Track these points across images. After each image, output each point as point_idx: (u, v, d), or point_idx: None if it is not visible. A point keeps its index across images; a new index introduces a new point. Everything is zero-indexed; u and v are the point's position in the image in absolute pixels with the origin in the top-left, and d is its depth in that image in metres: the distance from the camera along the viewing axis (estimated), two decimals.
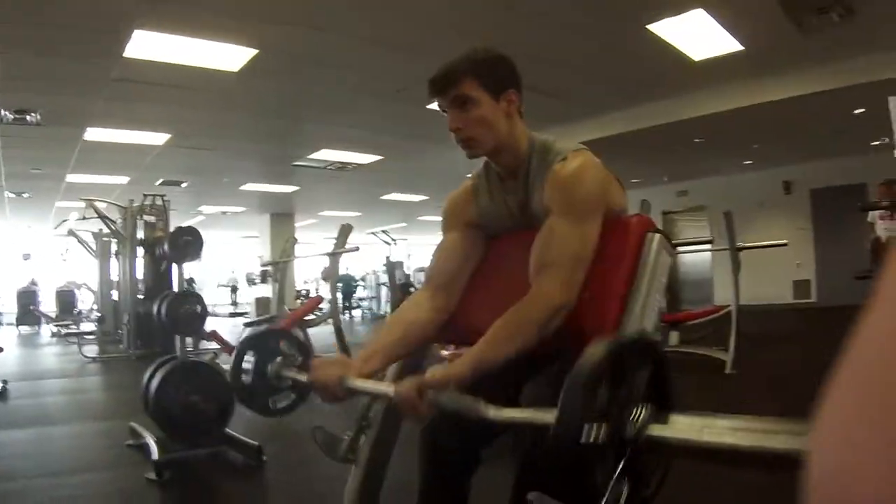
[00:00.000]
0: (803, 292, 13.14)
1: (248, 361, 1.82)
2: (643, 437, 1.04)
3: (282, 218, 16.92)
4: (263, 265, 15.17)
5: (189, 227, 4.02)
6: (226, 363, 5.73)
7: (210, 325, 4.72)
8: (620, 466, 1.06)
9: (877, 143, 10.82)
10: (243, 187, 13.11)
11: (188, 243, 3.90)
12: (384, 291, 18.16)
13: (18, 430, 4.68)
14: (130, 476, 3.50)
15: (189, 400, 3.60)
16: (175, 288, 4.11)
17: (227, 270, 24.35)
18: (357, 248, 7.17)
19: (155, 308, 4.00)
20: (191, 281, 9.05)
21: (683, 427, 1.05)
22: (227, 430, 3.81)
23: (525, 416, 1.24)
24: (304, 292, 18.90)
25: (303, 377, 1.73)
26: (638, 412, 1.07)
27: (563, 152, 1.68)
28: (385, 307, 17.94)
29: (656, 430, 1.05)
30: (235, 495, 3.39)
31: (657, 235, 1.65)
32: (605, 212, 1.64)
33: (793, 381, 5.59)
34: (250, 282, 19.87)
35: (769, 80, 7.86)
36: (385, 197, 15.20)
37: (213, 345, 7.04)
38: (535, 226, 1.67)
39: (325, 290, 17.39)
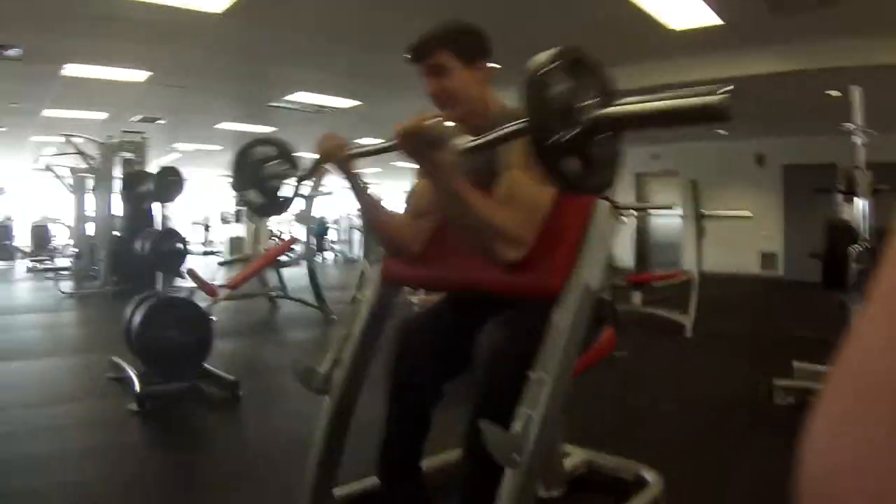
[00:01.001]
0: (770, 264, 13.40)
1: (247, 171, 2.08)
2: (597, 118, 1.26)
3: None
4: (238, 204, 15.16)
5: (172, 167, 4.13)
6: (202, 301, 5.89)
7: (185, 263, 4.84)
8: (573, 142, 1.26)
9: (849, 125, 11.00)
10: (218, 126, 13.00)
11: (172, 183, 4.00)
12: (356, 235, 18.29)
13: None
14: (111, 407, 3.65)
15: (170, 335, 3.75)
16: (158, 226, 4.22)
17: (201, 208, 24.11)
18: (332, 193, 7.31)
19: (138, 245, 4.12)
20: (166, 218, 9.11)
21: (626, 105, 1.27)
22: (206, 365, 3.97)
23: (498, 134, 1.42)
24: (277, 233, 18.90)
25: (300, 172, 2.05)
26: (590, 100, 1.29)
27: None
28: (357, 251, 18.08)
29: (607, 111, 1.27)
30: (213, 427, 3.58)
31: (605, 202, 1.82)
32: None
33: (745, 347, 5.88)
34: (224, 221, 19.76)
35: (747, 55, 7.95)
36: (361, 141, 15.11)
37: (189, 283, 7.17)
38: (497, 185, 1.84)
39: (297, 232, 17.42)
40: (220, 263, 9.76)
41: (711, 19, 6.86)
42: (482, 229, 1.68)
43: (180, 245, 4.06)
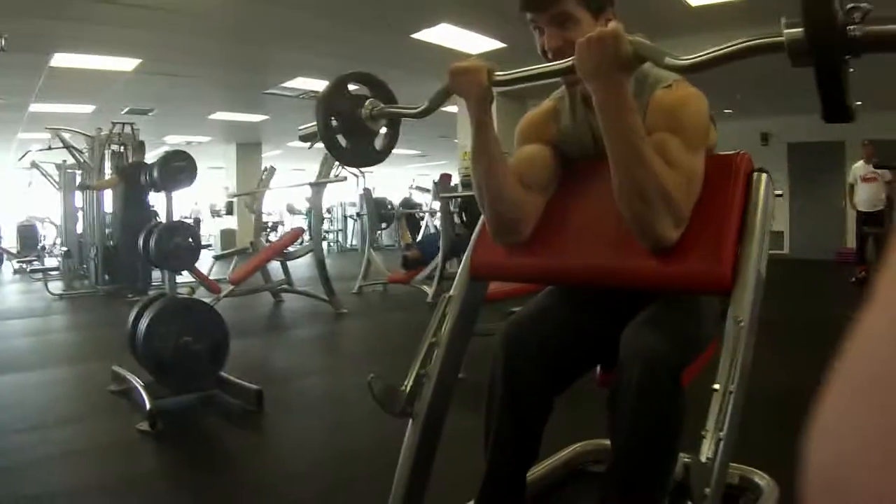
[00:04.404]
0: (776, 243, 13.23)
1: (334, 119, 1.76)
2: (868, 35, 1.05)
3: (248, 148, 16.45)
4: (232, 196, 14.66)
5: (179, 151, 3.67)
6: (204, 297, 5.44)
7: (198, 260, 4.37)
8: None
9: (859, 102, 10.82)
10: (211, 116, 12.59)
11: (180, 169, 3.56)
12: (350, 224, 17.92)
13: None
14: (119, 427, 3.20)
15: (182, 341, 3.32)
16: (164, 219, 3.77)
17: (190, 202, 23.36)
18: (345, 179, 6.91)
19: (141, 241, 3.67)
20: (154, 212, 8.62)
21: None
22: (222, 373, 3.56)
23: None
24: (269, 224, 18.31)
25: (410, 109, 1.75)
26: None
27: (666, 79, 1.53)
28: (352, 240, 17.73)
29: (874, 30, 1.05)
30: (237, 444, 3.15)
31: (763, 175, 1.49)
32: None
33: (787, 330, 5.55)
34: (214, 213, 19.22)
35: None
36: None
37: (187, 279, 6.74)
38: None
39: (291, 222, 16.92)
40: (216, 257, 9.33)
41: None
42: (649, 190, 1.33)
43: (191, 239, 3.61)
